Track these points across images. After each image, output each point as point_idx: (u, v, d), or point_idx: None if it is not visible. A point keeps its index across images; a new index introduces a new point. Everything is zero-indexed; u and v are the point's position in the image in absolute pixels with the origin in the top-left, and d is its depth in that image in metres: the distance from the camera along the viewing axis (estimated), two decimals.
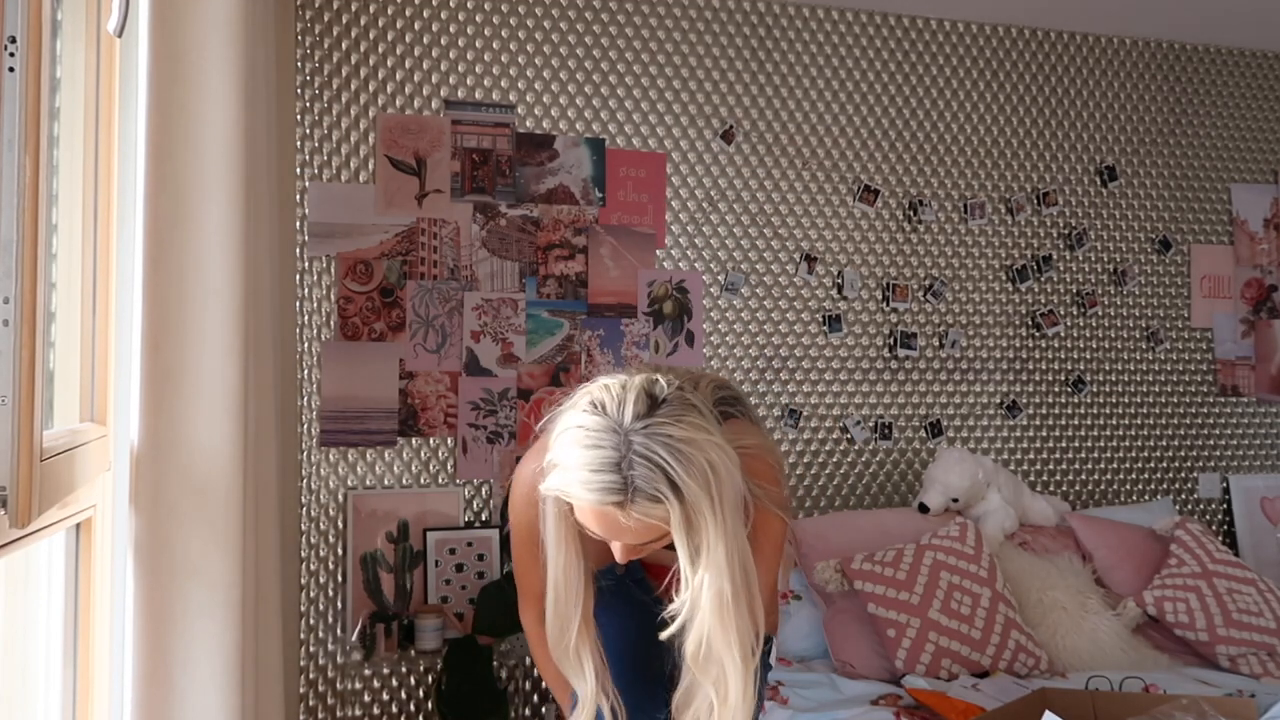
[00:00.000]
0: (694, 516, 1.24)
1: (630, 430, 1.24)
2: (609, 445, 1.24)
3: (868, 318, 3.23)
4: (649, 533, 1.27)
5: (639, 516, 1.24)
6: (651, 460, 1.22)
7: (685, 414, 1.27)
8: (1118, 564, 2.86)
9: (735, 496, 1.28)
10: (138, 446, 1.39)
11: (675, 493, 1.22)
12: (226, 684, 1.40)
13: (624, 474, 1.22)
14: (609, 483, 1.23)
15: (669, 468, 1.22)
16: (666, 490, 1.22)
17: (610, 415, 1.26)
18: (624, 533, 1.28)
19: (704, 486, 1.23)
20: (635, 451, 1.23)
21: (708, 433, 1.26)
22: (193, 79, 1.42)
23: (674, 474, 1.22)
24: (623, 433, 1.24)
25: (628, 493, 1.23)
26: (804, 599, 2.71)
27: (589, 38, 3.03)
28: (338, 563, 2.78)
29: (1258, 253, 3.62)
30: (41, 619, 1.49)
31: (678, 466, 1.22)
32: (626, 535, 1.28)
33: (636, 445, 1.23)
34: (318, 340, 2.79)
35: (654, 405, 1.27)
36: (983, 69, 3.36)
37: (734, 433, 1.41)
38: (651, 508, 1.23)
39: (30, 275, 1.05)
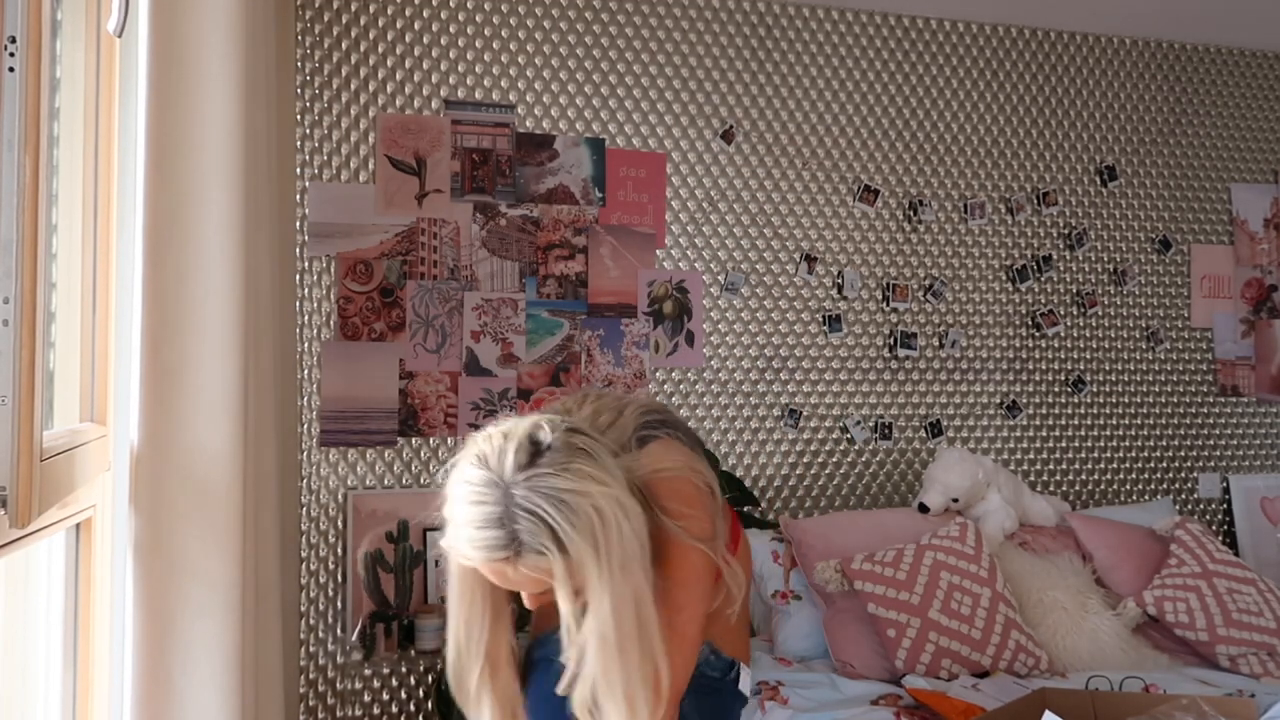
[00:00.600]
0: (578, 568, 1.22)
1: (512, 483, 1.22)
2: (491, 500, 1.22)
3: (868, 318, 3.23)
4: (542, 583, 1.26)
5: (527, 572, 1.23)
6: (533, 514, 1.20)
7: (571, 461, 1.24)
8: (1118, 564, 2.86)
9: (627, 543, 1.24)
10: (137, 446, 1.39)
11: (559, 545, 1.20)
12: (226, 684, 1.40)
13: (508, 529, 1.21)
14: (493, 539, 1.21)
15: (551, 521, 1.20)
16: (550, 543, 1.20)
17: (492, 468, 1.25)
18: (519, 584, 1.27)
19: (588, 537, 1.21)
20: (517, 505, 1.21)
21: (595, 480, 1.24)
22: (193, 79, 1.42)
23: (557, 527, 1.20)
24: (504, 486, 1.22)
25: (513, 548, 1.21)
26: (804, 599, 2.71)
27: (589, 38, 3.03)
28: (338, 563, 2.78)
29: (1258, 253, 3.62)
30: (41, 619, 1.49)
31: (560, 519, 1.20)
32: (523, 586, 1.28)
33: (518, 498, 1.21)
34: (318, 340, 2.79)
35: (537, 454, 1.25)
36: (983, 69, 3.36)
37: (654, 455, 1.39)
38: (538, 560, 1.21)
39: (30, 275, 1.05)
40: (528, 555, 1.21)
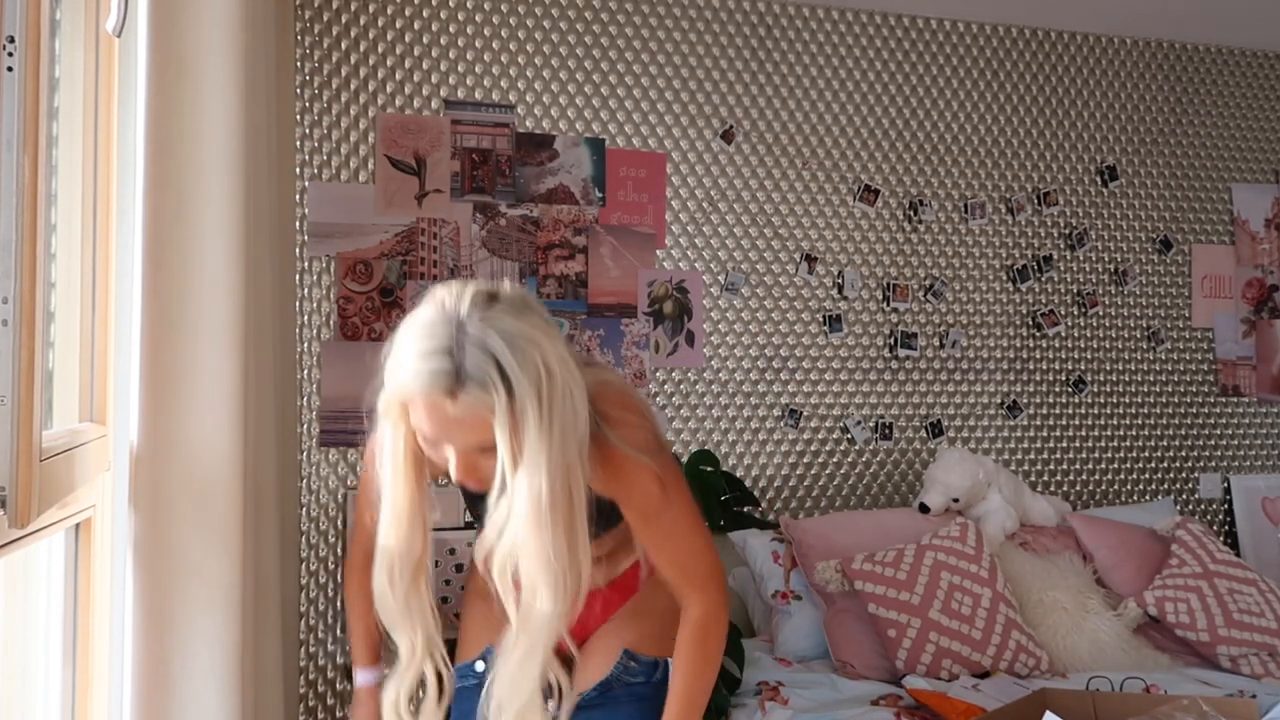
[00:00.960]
0: (519, 414, 1.18)
1: (466, 320, 1.19)
2: (442, 334, 1.19)
3: (868, 318, 3.23)
4: (477, 431, 1.20)
5: (468, 404, 1.18)
6: (483, 347, 1.17)
7: (525, 312, 1.22)
8: (1118, 564, 2.86)
9: (568, 412, 1.22)
10: (137, 446, 1.39)
11: (504, 382, 1.17)
12: (226, 684, 1.40)
13: (455, 360, 1.17)
14: (439, 368, 1.18)
15: (500, 356, 1.17)
16: (495, 377, 1.17)
17: (447, 309, 1.21)
18: (453, 429, 1.21)
19: (534, 383, 1.18)
20: (469, 338, 1.18)
21: (548, 338, 1.22)
22: (192, 79, 1.42)
23: (504, 362, 1.17)
24: (457, 320, 1.19)
25: (457, 378, 1.17)
26: (804, 599, 2.71)
27: (589, 38, 3.03)
28: (338, 563, 2.78)
29: (1258, 253, 3.62)
30: (41, 619, 1.49)
31: (510, 356, 1.17)
32: (456, 434, 1.21)
33: (470, 332, 1.18)
34: (318, 340, 2.79)
35: (493, 300, 1.22)
36: (983, 69, 3.36)
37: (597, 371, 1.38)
38: (480, 396, 1.17)
39: (30, 275, 1.05)
40: (471, 388, 1.17)
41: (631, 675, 1.55)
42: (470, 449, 1.23)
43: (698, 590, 1.45)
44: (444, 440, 1.23)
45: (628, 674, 1.54)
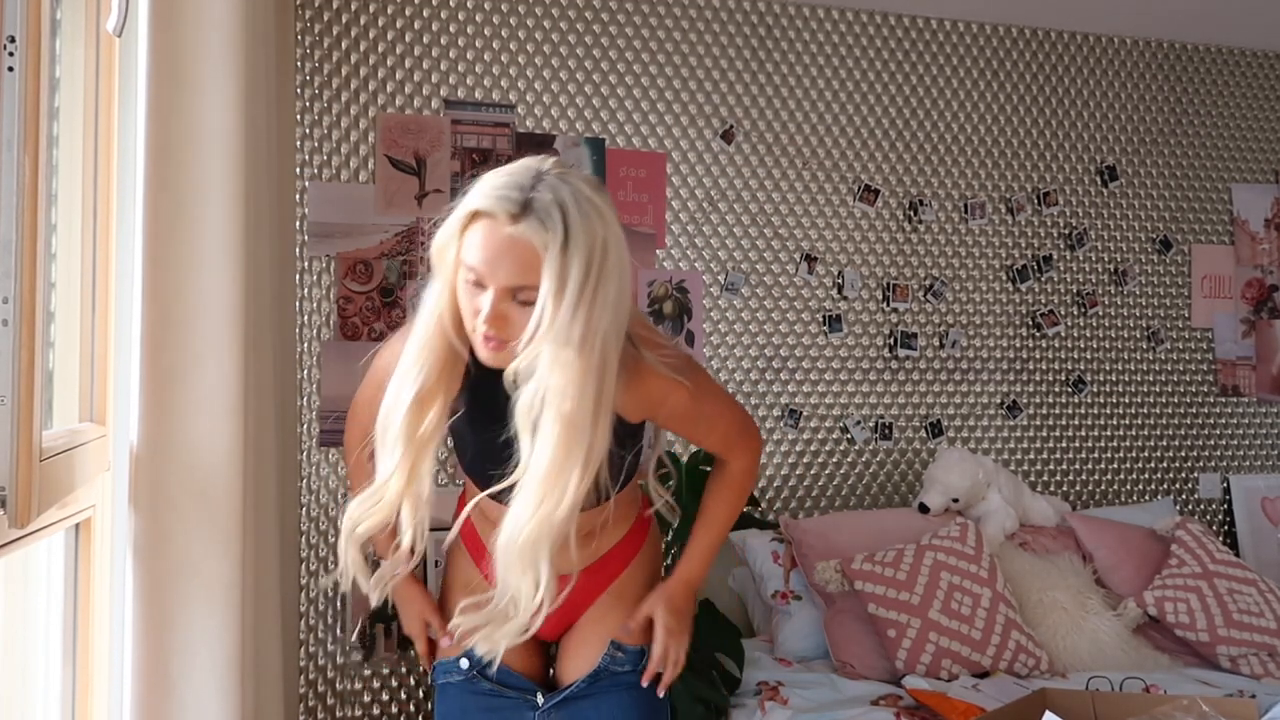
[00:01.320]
0: (567, 266, 1.21)
1: (545, 171, 1.26)
2: (520, 174, 1.26)
3: (868, 318, 3.23)
4: (523, 268, 1.23)
5: (524, 233, 1.21)
6: (555, 193, 1.23)
7: (600, 191, 1.29)
8: (1118, 564, 2.86)
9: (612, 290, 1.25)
10: (137, 446, 1.39)
11: (564, 229, 1.21)
12: (226, 684, 1.40)
13: (525, 194, 1.23)
14: (509, 193, 1.23)
15: (566, 206, 1.22)
16: (557, 219, 1.21)
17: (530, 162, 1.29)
18: (503, 257, 1.23)
19: (589, 245, 1.22)
20: (544, 183, 1.24)
21: (614, 219, 1.27)
22: (193, 79, 1.42)
23: (569, 213, 1.22)
24: (536, 170, 1.26)
25: (523, 206, 1.22)
26: (804, 599, 2.71)
27: (589, 38, 3.03)
28: (338, 563, 2.77)
29: (1258, 253, 3.62)
30: (41, 619, 1.49)
31: (575, 211, 1.22)
32: (503, 263, 1.23)
33: (547, 179, 1.25)
34: (318, 340, 2.79)
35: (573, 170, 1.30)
36: (983, 69, 3.36)
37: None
38: (538, 230, 1.21)
39: (30, 275, 1.05)
40: (532, 221, 1.21)
41: (619, 665, 1.56)
42: (511, 286, 1.24)
43: (738, 450, 1.58)
44: (490, 270, 1.24)
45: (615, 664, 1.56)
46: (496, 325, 1.26)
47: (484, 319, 1.26)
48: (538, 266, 1.22)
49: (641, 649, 1.57)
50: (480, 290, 1.27)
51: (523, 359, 1.26)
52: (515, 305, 1.25)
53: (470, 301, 1.28)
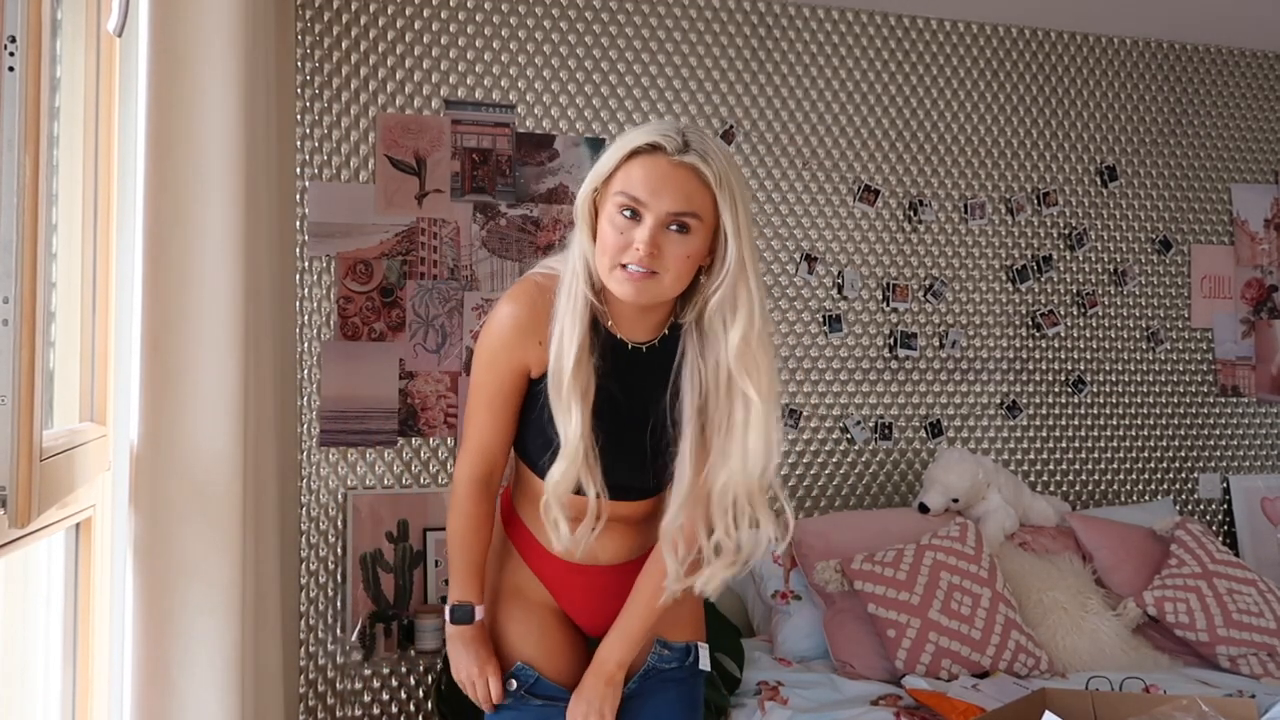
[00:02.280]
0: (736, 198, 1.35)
1: (688, 127, 1.38)
2: (669, 125, 1.37)
3: (868, 318, 3.23)
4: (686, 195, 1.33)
5: (688, 163, 1.32)
6: (705, 138, 1.36)
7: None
8: (1118, 564, 2.86)
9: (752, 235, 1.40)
10: (137, 446, 1.39)
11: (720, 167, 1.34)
12: (226, 684, 1.40)
13: (682, 136, 1.34)
14: (668, 131, 1.34)
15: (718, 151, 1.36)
16: (714, 153, 1.34)
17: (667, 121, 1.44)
18: (667, 184, 1.33)
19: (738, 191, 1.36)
20: (692, 131, 1.37)
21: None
22: (193, 79, 1.42)
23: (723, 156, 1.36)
24: (677, 124, 1.38)
25: (685, 142, 1.33)
26: (804, 599, 2.71)
27: (589, 38, 3.03)
28: (338, 563, 2.78)
29: (1258, 253, 3.62)
30: (41, 619, 1.49)
31: (725, 160, 1.36)
32: (667, 190, 1.33)
33: (687, 128, 1.37)
34: (318, 340, 2.79)
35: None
36: (983, 69, 3.36)
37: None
38: (703, 163, 1.33)
39: (30, 275, 1.05)
40: (693, 154, 1.33)
41: (665, 663, 1.58)
42: (673, 212, 1.33)
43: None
44: (653, 195, 1.33)
45: (662, 661, 1.58)
46: (653, 253, 1.33)
47: (643, 244, 1.33)
48: (697, 198, 1.34)
49: (687, 645, 1.60)
50: (634, 222, 1.34)
51: (715, 293, 1.38)
52: (670, 235, 1.34)
53: (620, 235, 1.35)
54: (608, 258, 1.36)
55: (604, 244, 1.36)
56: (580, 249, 1.41)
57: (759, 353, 1.39)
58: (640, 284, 1.35)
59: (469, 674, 1.56)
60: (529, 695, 1.55)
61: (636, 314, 1.44)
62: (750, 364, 1.39)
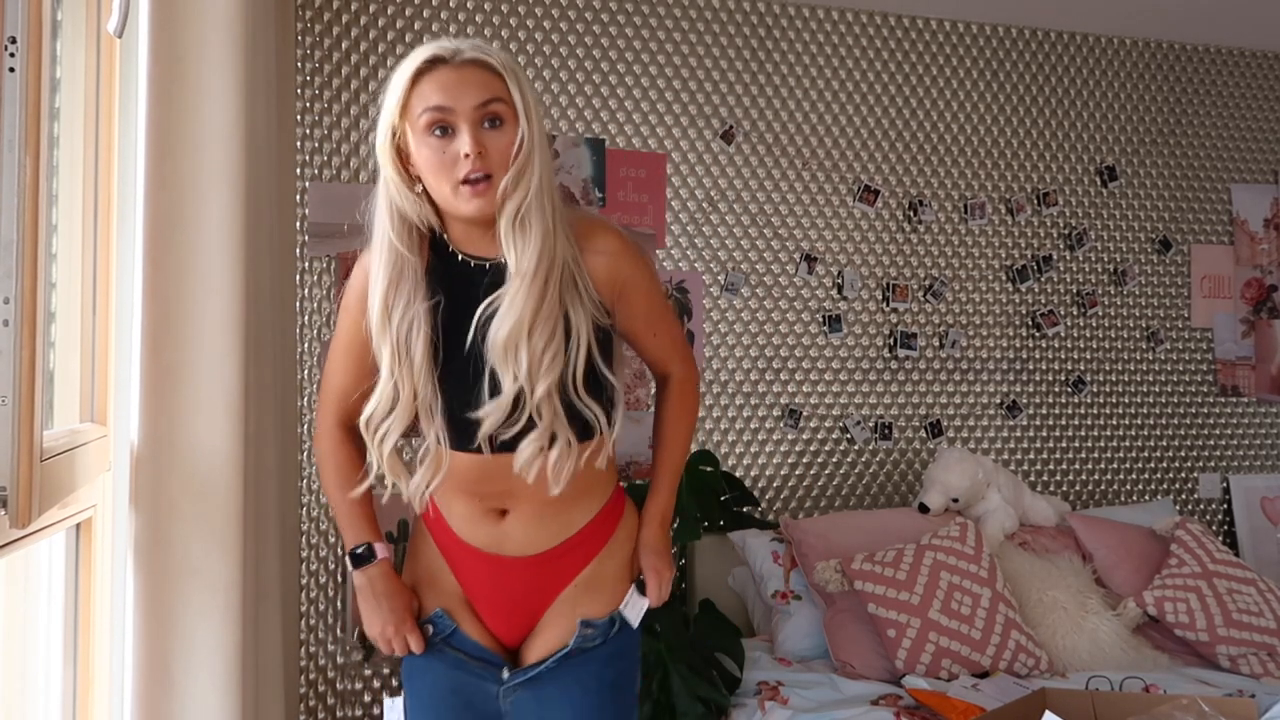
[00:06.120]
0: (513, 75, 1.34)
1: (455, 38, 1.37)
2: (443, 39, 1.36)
3: (868, 318, 3.23)
4: (485, 85, 1.32)
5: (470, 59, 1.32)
6: (473, 41, 1.35)
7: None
8: (1118, 564, 2.86)
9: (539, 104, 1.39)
10: (138, 446, 1.39)
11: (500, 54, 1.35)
12: (226, 684, 1.41)
13: (449, 43, 1.34)
14: (438, 45, 1.33)
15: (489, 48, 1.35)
16: (491, 49, 1.35)
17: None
18: (463, 87, 1.31)
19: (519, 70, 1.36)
20: (458, 39, 1.36)
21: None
22: (193, 79, 1.43)
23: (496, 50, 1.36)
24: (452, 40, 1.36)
25: (457, 47, 1.32)
26: (804, 599, 2.71)
27: (589, 38, 3.03)
28: (338, 563, 2.78)
29: (1258, 253, 3.62)
30: (41, 619, 1.49)
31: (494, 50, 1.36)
32: (466, 91, 1.31)
33: (452, 38, 1.36)
34: (318, 340, 2.79)
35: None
36: (983, 69, 3.36)
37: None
38: (484, 54, 1.33)
39: (30, 275, 1.05)
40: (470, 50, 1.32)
41: (589, 642, 1.50)
42: (483, 102, 1.31)
43: (679, 360, 1.62)
44: (456, 95, 1.31)
45: (586, 642, 1.50)
46: (481, 152, 1.31)
47: (468, 147, 1.30)
48: (495, 85, 1.32)
49: (611, 617, 1.51)
50: (448, 137, 1.32)
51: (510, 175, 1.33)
52: (488, 133, 1.32)
53: (439, 155, 1.32)
54: (444, 182, 1.33)
55: (431, 168, 1.33)
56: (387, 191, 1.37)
57: (533, 218, 1.34)
58: (484, 192, 1.33)
59: (383, 630, 1.50)
60: (445, 645, 1.50)
61: (481, 232, 1.39)
62: (522, 230, 1.34)
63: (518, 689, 1.48)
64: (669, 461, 1.61)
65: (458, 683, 1.50)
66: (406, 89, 1.32)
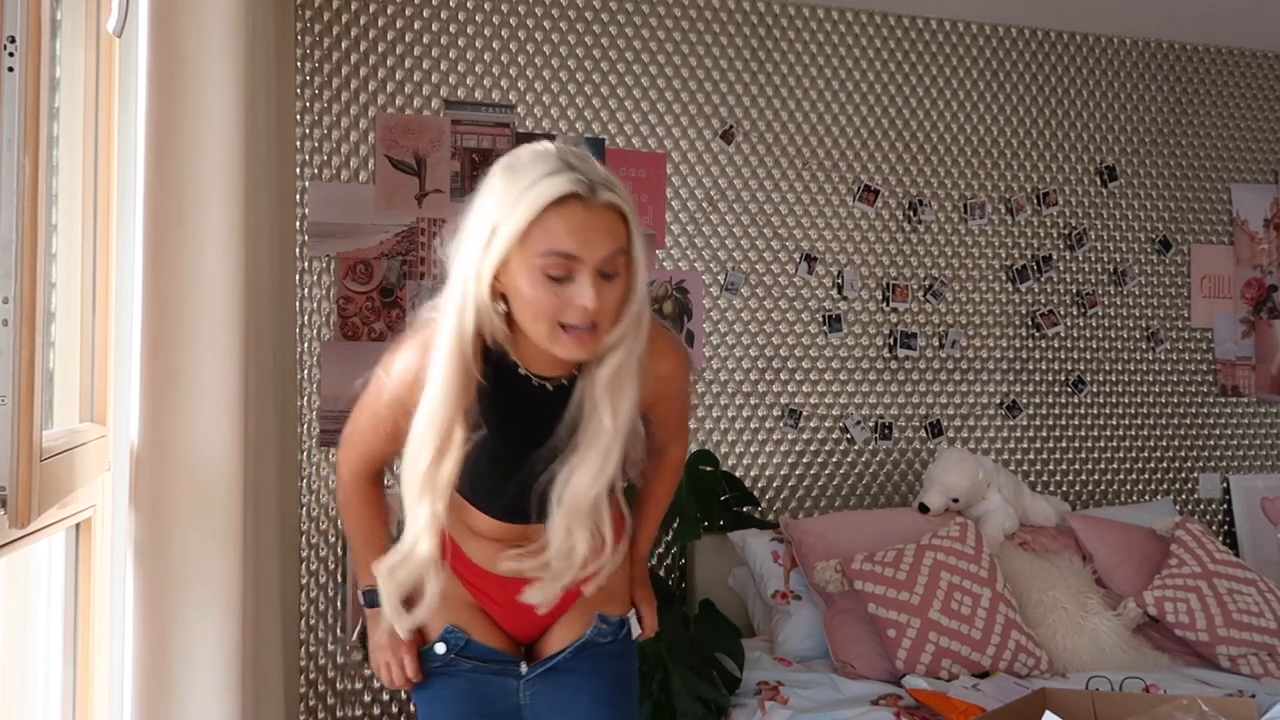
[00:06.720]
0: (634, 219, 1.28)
1: (564, 149, 1.28)
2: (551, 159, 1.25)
3: (868, 318, 3.23)
4: (614, 234, 1.25)
5: (608, 202, 1.24)
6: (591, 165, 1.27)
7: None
8: (1118, 564, 2.86)
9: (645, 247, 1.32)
10: (138, 447, 1.39)
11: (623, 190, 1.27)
12: (226, 684, 1.41)
13: (578, 170, 1.24)
14: (573, 177, 1.23)
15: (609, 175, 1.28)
16: (614, 181, 1.26)
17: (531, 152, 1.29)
18: (594, 233, 1.23)
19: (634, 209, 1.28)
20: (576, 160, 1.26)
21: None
22: (193, 79, 1.42)
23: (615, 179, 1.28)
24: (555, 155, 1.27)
25: (591, 182, 1.23)
26: (804, 599, 2.71)
27: (589, 38, 3.03)
28: (338, 563, 2.78)
29: (1258, 253, 3.62)
30: (41, 619, 1.49)
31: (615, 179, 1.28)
32: (596, 238, 1.23)
33: (571, 158, 1.26)
34: (318, 340, 2.79)
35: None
36: (983, 69, 3.36)
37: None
38: (610, 195, 1.24)
39: (30, 275, 1.05)
40: (602, 190, 1.23)
41: (603, 636, 1.57)
42: (606, 256, 1.24)
43: (680, 442, 1.65)
44: (586, 247, 1.23)
45: (600, 636, 1.57)
46: (601, 302, 1.24)
47: (590, 301, 1.23)
48: (620, 234, 1.26)
49: (622, 619, 1.60)
50: (565, 282, 1.24)
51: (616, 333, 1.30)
52: (603, 282, 1.25)
53: (550, 298, 1.25)
54: (544, 323, 1.26)
55: (536, 308, 1.25)
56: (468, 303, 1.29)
57: (627, 381, 1.32)
58: (589, 343, 1.27)
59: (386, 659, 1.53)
60: (459, 658, 1.52)
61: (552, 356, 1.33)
62: (617, 391, 1.32)
63: (536, 680, 1.53)
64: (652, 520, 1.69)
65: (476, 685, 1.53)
66: (532, 219, 1.22)
